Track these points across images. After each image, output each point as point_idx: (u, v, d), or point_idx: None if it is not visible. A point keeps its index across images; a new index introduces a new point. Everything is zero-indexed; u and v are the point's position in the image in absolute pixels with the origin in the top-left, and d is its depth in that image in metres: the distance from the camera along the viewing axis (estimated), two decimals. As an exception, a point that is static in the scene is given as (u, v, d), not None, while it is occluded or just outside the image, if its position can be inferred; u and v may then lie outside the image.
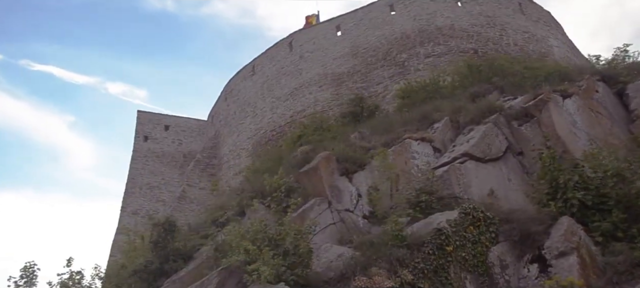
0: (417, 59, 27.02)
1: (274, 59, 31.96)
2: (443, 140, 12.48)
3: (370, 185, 10.95)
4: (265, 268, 7.20)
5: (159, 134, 36.98)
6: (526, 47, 27.53)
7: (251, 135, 30.88)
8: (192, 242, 12.90)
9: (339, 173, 10.86)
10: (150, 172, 35.42)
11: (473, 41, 27.07)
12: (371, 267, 7.61)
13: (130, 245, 19.06)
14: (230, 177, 31.44)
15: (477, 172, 11.04)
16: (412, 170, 11.38)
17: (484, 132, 11.67)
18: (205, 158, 33.81)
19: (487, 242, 8.87)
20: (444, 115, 12.98)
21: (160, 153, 36.25)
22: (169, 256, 12.04)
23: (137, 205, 34.32)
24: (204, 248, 11.92)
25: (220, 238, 10.47)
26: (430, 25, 27.86)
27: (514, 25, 28.17)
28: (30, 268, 11.82)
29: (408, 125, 13.12)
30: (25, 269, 11.78)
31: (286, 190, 11.08)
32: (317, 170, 10.55)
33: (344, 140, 13.57)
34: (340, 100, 28.01)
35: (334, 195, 10.36)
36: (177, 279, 10.05)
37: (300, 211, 9.85)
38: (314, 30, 31.21)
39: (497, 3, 28.82)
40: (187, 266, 11.74)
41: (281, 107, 29.92)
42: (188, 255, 12.35)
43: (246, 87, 32.97)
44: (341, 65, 29.06)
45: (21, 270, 11.81)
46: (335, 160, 10.89)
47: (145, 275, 11.86)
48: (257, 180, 15.84)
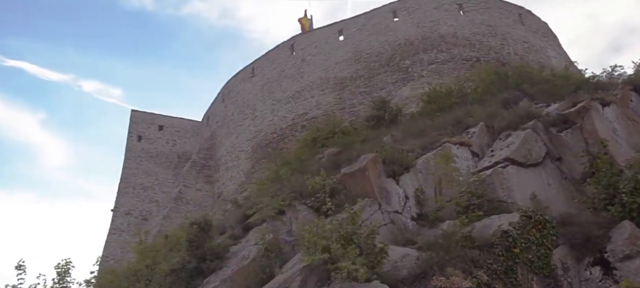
0: (420, 65, 27.33)
1: (274, 61, 31.95)
2: (480, 144, 12.69)
3: (416, 187, 11.08)
4: (357, 267, 7.25)
5: (153, 134, 36.60)
6: (526, 57, 28.02)
7: (250, 137, 30.80)
8: (225, 242, 12.84)
9: (386, 175, 10.96)
10: (144, 172, 35.02)
11: (475, 50, 27.49)
12: (445, 267, 7.72)
13: (144, 245, 18.91)
14: (228, 178, 31.33)
15: (519, 177, 11.26)
16: (454, 173, 11.55)
17: (524, 138, 11.91)
18: (201, 160, 33.59)
19: (549, 245, 9.07)
20: (478, 121, 13.20)
21: (154, 153, 35.87)
22: (205, 255, 11.96)
23: (131, 205, 33.89)
24: (248, 248, 11.88)
25: (267, 237, 10.45)
26: (433, 33, 28.21)
27: (514, 35, 28.70)
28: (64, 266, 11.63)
29: (441, 129, 13.29)
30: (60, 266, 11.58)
31: (330, 191, 11.12)
32: (365, 171, 10.62)
33: (376, 143, 13.67)
34: (343, 105, 28.22)
35: (382, 197, 10.44)
36: (227, 278, 10.00)
37: (350, 213, 9.88)
38: (316, 34, 31.32)
39: (498, 13, 29.33)
40: (225, 265, 11.68)
41: (282, 109, 29.92)
42: (220, 254, 12.29)
43: (245, 88, 32.88)
44: (344, 69, 29.22)
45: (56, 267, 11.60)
46: (381, 162, 10.98)
47: (183, 274, 11.76)
48: (271, 185, 15.89)
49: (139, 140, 36.25)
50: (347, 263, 7.31)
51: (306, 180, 11.82)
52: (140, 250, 17.83)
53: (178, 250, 14.57)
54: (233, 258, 12.30)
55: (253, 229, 13.69)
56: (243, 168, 30.33)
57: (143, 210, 33.89)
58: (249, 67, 33.62)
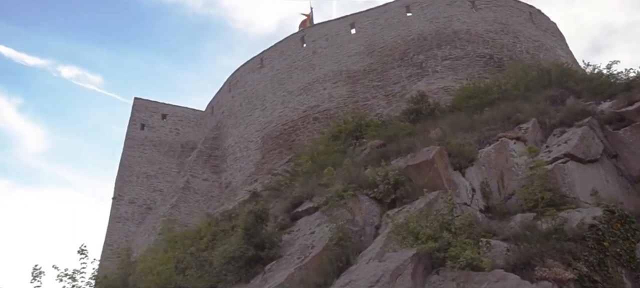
0: (434, 60, 27.56)
1: (284, 53, 31.91)
2: (535, 140, 12.92)
3: (482, 180, 11.25)
4: (479, 256, 7.38)
5: (156, 122, 36.29)
6: (537, 56, 28.44)
7: (260, 127, 30.74)
8: (274, 231, 12.85)
9: (452, 167, 11.11)
10: (147, 160, 34.74)
11: (489, 47, 27.81)
12: (544, 259, 7.87)
13: (172, 233, 18.81)
14: (237, 169, 31.25)
15: (579, 173, 11.50)
16: (513, 168, 11.76)
17: (581, 135, 12.17)
18: (207, 149, 33.42)
19: (632, 239, 9.30)
20: (528, 117, 13.42)
21: (157, 141, 35.58)
22: (263, 243, 11.99)
23: (134, 194, 33.63)
24: (304, 236, 11.94)
25: (337, 226, 10.52)
26: (446, 29, 28.45)
27: (525, 34, 29.08)
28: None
29: (491, 124, 13.49)
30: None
31: (393, 182, 11.22)
32: (433, 163, 10.75)
33: (423, 136, 13.83)
34: (356, 98, 28.34)
35: (451, 189, 10.59)
36: (302, 266, 10.05)
37: (427, 203, 10.03)
38: (327, 27, 31.36)
39: (510, 11, 29.69)
40: (283, 253, 11.74)
41: (293, 101, 29.91)
42: (274, 243, 12.33)
43: (254, 79, 32.76)
44: (356, 63, 29.32)
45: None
46: (447, 155, 11.12)
47: (241, 262, 11.78)
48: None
49: (142, 128, 35.91)
50: (469, 251, 7.44)
51: (367, 171, 11.88)
52: (170, 238, 17.77)
53: (221, 239, 14.60)
54: (288, 246, 12.35)
55: (302, 219, 13.77)
56: (253, 159, 30.27)
57: (147, 199, 33.64)
58: (257, 57, 33.51)
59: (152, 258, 12.49)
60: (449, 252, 7.53)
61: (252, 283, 11.62)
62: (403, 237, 8.49)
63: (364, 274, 8.25)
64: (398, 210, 10.82)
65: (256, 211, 12.46)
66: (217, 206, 31.27)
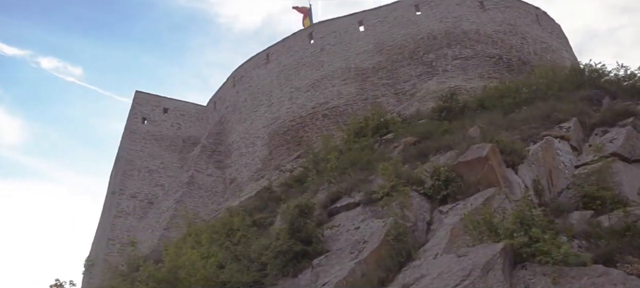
0: (444, 60, 27.73)
1: (291, 49, 31.80)
2: (577, 139, 13.07)
3: (533, 178, 11.34)
4: (575, 251, 7.42)
5: (158, 116, 35.88)
6: (544, 57, 28.79)
7: (267, 124, 30.60)
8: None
9: (505, 165, 11.18)
10: (149, 155, 34.32)
11: (498, 47, 28.06)
12: (623, 255, 7.95)
13: (193, 227, 18.63)
14: (242, 165, 31.08)
15: (626, 172, 11.67)
16: (559, 166, 11.88)
17: (626, 134, 12.35)
18: (211, 144, 33.17)
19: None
20: (568, 116, 13.56)
21: (159, 136, 35.19)
22: (309, 238, 11.96)
23: (136, 188, 33.20)
24: (349, 232, 11.92)
25: (392, 221, 10.51)
26: (456, 29, 28.64)
27: (533, 35, 29.40)
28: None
29: (530, 123, 13.61)
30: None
31: (444, 179, 11.26)
32: (487, 160, 10.80)
33: (461, 134, 13.89)
34: (365, 95, 28.37)
35: (506, 186, 10.66)
36: (362, 260, 10.03)
37: (484, 200, 10.08)
38: (335, 23, 31.32)
39: (517, 13, 29.98)
40: (329, 247, 11.71)
41: (301, 97, 29.84)
42: (317, 237, 12.30)
43: (259, 74, 32.60)
44: (365, 60, 29.36)
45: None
46: (499, 152, 11.18)
47: (289, 257, 11.72)
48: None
49: (143, 122, 35.53)
50: (565, 246, 7.49)
51: (417, 167, 11.88)
52: (191, 232, 17.62)
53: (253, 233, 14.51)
54: (332, 241, 12.32)
55: (340, 214, 13.75)
56: (259, 155, 30.14)
57: (149, 194, 33.26)
58: (262, 53, 33.36)
59: (193, 252, 12.29)
60: (538, 246, 7.57)
61: (300, 278, 11.56)
62: (479, 232, 8.51)
63: (439, 269, 8.24)
64: (452, 207, 10.86)
65: (302, 205, 12.40)
66: (221, 202, 31.11)
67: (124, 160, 34.00)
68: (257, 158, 30.17)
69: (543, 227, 8.00)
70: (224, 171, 32.32)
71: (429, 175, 11.75)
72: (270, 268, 12.24)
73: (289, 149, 28.81)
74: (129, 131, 35.16)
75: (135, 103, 36.03)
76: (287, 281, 11.80)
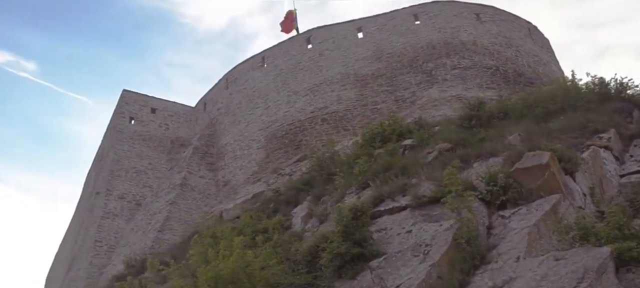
0: (443, 69, 28.24)
1: (288, 52, 31.81)
2: (618, 149, 13.57)
3: (589, 185, 11.72)
4: None
5: (145, 116, 35.23)
6: (537, 70, 29.72)
7: (263, 126, 30.47)
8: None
9: (564, 172, 11.52)
10: (136, 155, 33.64)
11: (494, 58, 28.78)
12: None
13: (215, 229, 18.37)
14: (237, 167, 30.81)
15: (668, 184, 12.20)
16: (606, 175, 12.32)
17: (666, 146, 12.92)
18: (203, 146, 32.77)
19: None
20: (604, 127, 14.03)
21: (146, 136, 34.54)
22: (364, 241, 12.04)
23: (124, 189, 32.48)
24: (401, 235, 12.05)
25: (460, 224, 10.70)
26: (454, 39, 29.23)
27: (526, 48, 30.29)
28: None
29: (567, 132, 14.01)
30: None
31: (502, 185, 11.53)
32: (548, 167, 11.11)
33: (499, 141, 14.22)
34: (365, 101, 28.61)
35: (567, 193, 11.00)
36: (434, 263, 10.19)
37: (551, 206, 10.38)
38: (334, 29, 31.52)
39: (511, 26, 30.87)
40: (384, 249, 11.82)
41: (300, 101, 29.85)
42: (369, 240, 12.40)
43: (255, 77, 32.46)
44: (364, 66, 29.63)
45: None
46: (557, 159, 11.51)
47: (347, 259, 11.78)
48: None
49: (130, 122, 34.82)
50: None
51: (474, 173, 12.10)
52: (218, 232, 17.36)
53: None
54: (384, 244, 12.41)
55: (383, 217, 13.85)
56: (255, 158, 29.96)
57: (136, 195, 32.60)
58: (258, 56, 33.27)
59: (247, 253, 12.14)
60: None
61: (359, 280, 11.62)
62: (573, 236, 8.78)
63: (535, 272, 8.45)
64: (513, 212, 11.12)
65: (356, 209, 12.47)
66: (214, 204, 30.76)
67: (111, 160, 33.20)
68: (253, 161, 29.98)
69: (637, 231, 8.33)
70: (216, 173, 31.96)
71: (484, 181, 11.99)
72: (324, 270, 12.25)
73: (288, 153, 28.75)
74: (115, 130, 34.37)
75: (123, 102, 35.31)
76: (345, 283, 11.84)
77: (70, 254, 37.68)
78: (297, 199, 21.11)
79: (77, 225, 38.58)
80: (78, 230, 37.29)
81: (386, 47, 29.85)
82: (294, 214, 19.72)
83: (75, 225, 39.71)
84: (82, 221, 36.70)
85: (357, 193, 16.44)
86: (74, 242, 37.45)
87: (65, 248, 42.96)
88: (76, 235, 37.72)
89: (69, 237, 42.21)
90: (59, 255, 45.95)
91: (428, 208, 12.85)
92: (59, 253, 46.04)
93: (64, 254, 41.54)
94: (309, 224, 17.74)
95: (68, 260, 38.07)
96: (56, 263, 45.78)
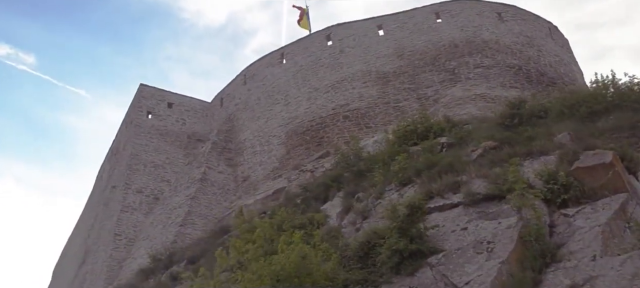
0: (467, 68, 28.29)
1: (308, 49, 31.79)
2: (672, 152, 13.65)
3: (649, 184, 11.78)
4: None
5: (163, 111, 35.16)
6: (558, 70, 29.80)
7: (283, 123, 30.44)
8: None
9: (628, 171, 11.57)
10: (154, 149, 33.58)
11: (517, 58, 28.84)
12: None
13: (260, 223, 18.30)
14: (257, 163, 30.77)
15: None
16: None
17: None
18: (221, 142, 32.73)
19: None
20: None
21: (164, 131, 34.48)
22: (419, 237, 12.05)
23: (142, 183, 32.44)
24: (456, 233, 12.07)
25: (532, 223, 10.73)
26: (477, 38, 29.29)
27: (547, 48, 30.36)
28: None
29: (618, 132, 14.07)
30: None
31: (563, 183, 11.55)
32: (612, 166, 11.15)
33: (546, 140, 14.26)
34: (387, 99, 28.63)
35: (633, 192, 11.04)
36: (504, 260, 10.23)
37: (619, 205, 10.43)
38: (354, 26, 31.54)
39: (532, 25, 30.93)
40: (441, 246, 11.83)
41: (321, 98, 29.84)
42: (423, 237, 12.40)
43: (274, 73, 32.42)
44: (386, 64, 29.65)
45: None
46: (619, 159, 11.56)
47: (406, 254, 11.78)
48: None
49: (147, 116, 34.75)
50: None
51: (532, 170, 12.12)
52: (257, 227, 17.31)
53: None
54: (439, 241, 12.40)
55: (432, 215, 13.83)
56: (275, 154, 29.93)
57: (154, 189, 32.55)
58: (276, 52, 33.24)
59: (304, 247, 12.11)
60: None
61: (419, 276, 11.61)
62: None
63: (621, 271, 8.50)
64: (577, 210, 11.15)
65: (413, 205, 12.45)
66: (234, 199, 30.77)
67: (129, 154, 33.12)
68: (274, 157, 29.95)
69: None
70: (235, 169, 31.93)
71: (543, 179, 12.00)
72: (381, 266, 12.25)
73: (309, 149, 28.74)
74: (133, 124, 34.30)
75: (140, 96, 35.24)
76: (404, 279, 11.81)
77: (83, 248, 37.60)
78: (326, 195, 21.06)
79: (90, 219, 38.47)
80: (92, 224, 37.20)
81: (407, 44, 29.88)
82: (325, 210, 19.70)
83: (88, 219, 39.62)
84: (97, 215, 36.63)
85: (397, 190, 16.43)
86: (87, 236, 37.39)
87: (75, 242, 42.88)
88: (89, 228, 37.65)
89: (80, 231, 42.15)
90: (68, 249, 45.84)
91: (482, 205, 12.84)
92: (68, 247, 45.93)
93: (75, 248, 41.47)
94: (345, 220, 17.73)
95: (80, 254, 38.01)
96: (65, 257, 45.68)
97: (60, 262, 47.69)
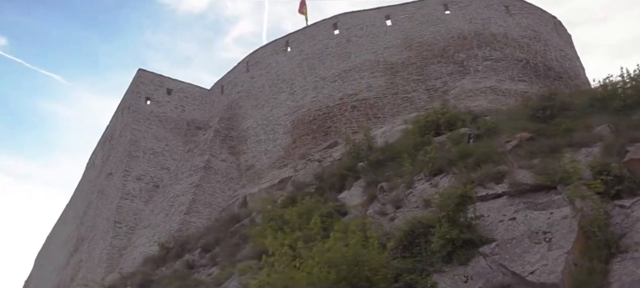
0: (475, 60, 28.28)
1: (314, 38, 31.44)
2: None
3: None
4: None
5: (162, 97, 34.49)
6: (564, 64, 29.98)
7: (289, 111, 30.10)
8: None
9: (678, 163, 11.58)
10: (153, 136, 32.93)
11: (524, 52, 28.91)
12: None
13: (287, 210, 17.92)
14: (261, 151, 30.39)
15: None
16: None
17: None
18: (223, 129, 32.24)
19: None
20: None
21: (163, 117, 33.83)
22: (468, 227, 11.93)
23: (141, 170, 31.80)
24: (511, 224, 11.96)
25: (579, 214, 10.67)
26: (485, 30, 29.27)
27: (553, 43, 30.51)
28: None
29: (655, 124, 14.15)
30: None
31: (617, 175, 11.52)
32: (667, 158, 11.19)
33: (587, 132, 14.25)
34: (395, 89, 28.46)
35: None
36: (569, 251, 10.13)
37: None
38: (361, 16, 31.26)
39: (539, 20, 31.05)
40: (501, 239, 11.71)
41: (328, 87, 29.55)
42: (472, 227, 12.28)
43: (278, 61, 32.00)
44: (394, 55, 29.47)
45: None
46: (671, 150, 11.59)
47: (459, 244, 11.64)
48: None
49: (146, 102, 34.04)
50: None
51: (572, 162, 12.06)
52: (286, 215, 16.97)
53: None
54: (487, 230, 12.27)
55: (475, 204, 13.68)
56: (281, 143, 29.60)
57: (154, 177, 31.95)
58: (281, 40, 32.81)
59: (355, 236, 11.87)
60: None
61: (472, 266, 11.48)
62: None
63: None
64: (634, 202, 11.13)
65: (463, 194, 12.30)
66: (237, 188, 30.36)
67: (128, 140, 32.40)
68: (279, 146, 29.61)
69: None
70: (238, 157, 31.49)
71: (594, 170, 11.95)
72: (431, 255, 12.09)
73: (316, 139, 28.46)
74: (131, 110, 33.57)
75: (138, 81, 34.49)
76: (456, 268, 11.67)
77: (75, 236, 36.79)
78: (342, 185, 20.83)
79: (82, 206, 37.65)
80: (84, 211, 36.41)
81: (416, 35, 29.73)
82: (343, 199, 19.48)
83: (80, 206, 38.77)
84: (90, 202, 35.86)
85: (427, 180, 16.30)
86: (80, 224, 36.59)
87: (63, 230, 41.93)
88: (81, 216, 36.85)
89: (69, 218, 41.22)
90: (54, 236, 44.84)
91: (530, 196, 12.74)
92: (54, 234, 44.92)
93: (64, 236, 40.55)
94: (369, 210, 17.52)
95: (71, 241, 37.19)
96: (50, 244, 44.67)
97: (44, 249, 46.65)
